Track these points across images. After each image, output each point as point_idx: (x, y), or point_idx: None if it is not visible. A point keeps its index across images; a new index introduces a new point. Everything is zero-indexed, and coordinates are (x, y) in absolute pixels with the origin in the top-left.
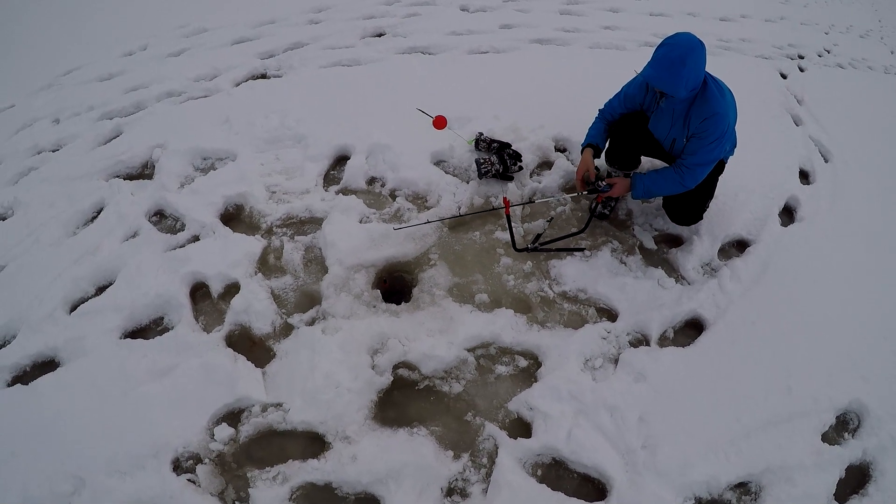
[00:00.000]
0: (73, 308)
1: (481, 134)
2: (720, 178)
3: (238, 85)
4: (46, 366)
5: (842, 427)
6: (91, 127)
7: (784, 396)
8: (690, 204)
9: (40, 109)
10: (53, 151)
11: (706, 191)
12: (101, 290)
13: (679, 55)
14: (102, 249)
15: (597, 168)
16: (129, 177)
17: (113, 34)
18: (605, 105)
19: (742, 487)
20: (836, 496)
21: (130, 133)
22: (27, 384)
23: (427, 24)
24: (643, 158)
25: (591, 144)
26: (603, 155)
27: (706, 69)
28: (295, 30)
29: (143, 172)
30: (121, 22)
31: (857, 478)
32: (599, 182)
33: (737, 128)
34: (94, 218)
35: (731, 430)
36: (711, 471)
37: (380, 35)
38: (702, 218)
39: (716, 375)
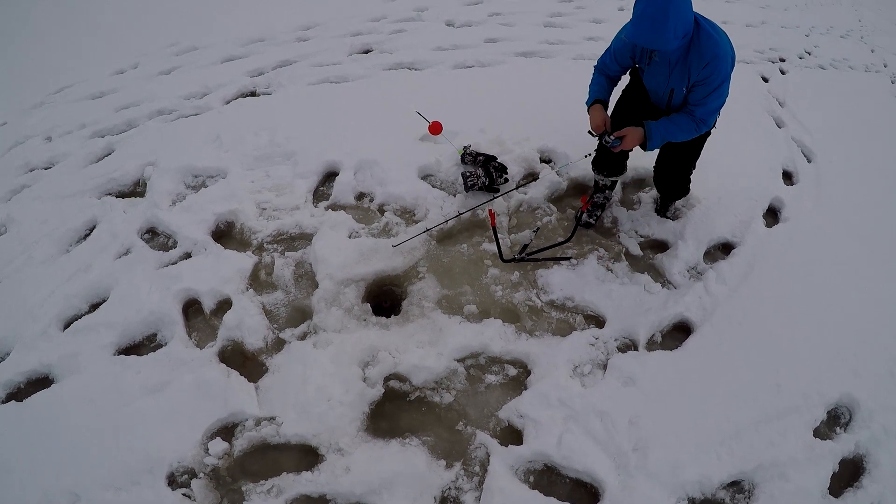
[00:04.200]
0: (67, 325)
1: (467, 147)
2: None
3: (228, 103)
4: (41, 382)
5: (833, 422)
6: (83, 145)
7: (773, 394)
8: (677, 172)
9: (32, 127)
10: (46, 169)
11: (691, 155)
12: (94, 307)
13: (659, 7)
14: (95, 267)
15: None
16: (121, 194)
17: (104, 53)
18: (598, 62)
19: (735, 486)
20: (831, 490)
21: (122, 151)
22: (21, 401)
23: (413, 40)
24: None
25: (599, 100)
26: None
27: (694, 10)
28: (283, 48)
29: (135, 190)
30: (112, 40)
31: (850, 471)
32: (608, 137)
33: (720, 130)
34: (87, 235)
35: (722, 429)
36: (703, 470)
37: (367, 52)
38: (689, 189)
39: (704, 377)
